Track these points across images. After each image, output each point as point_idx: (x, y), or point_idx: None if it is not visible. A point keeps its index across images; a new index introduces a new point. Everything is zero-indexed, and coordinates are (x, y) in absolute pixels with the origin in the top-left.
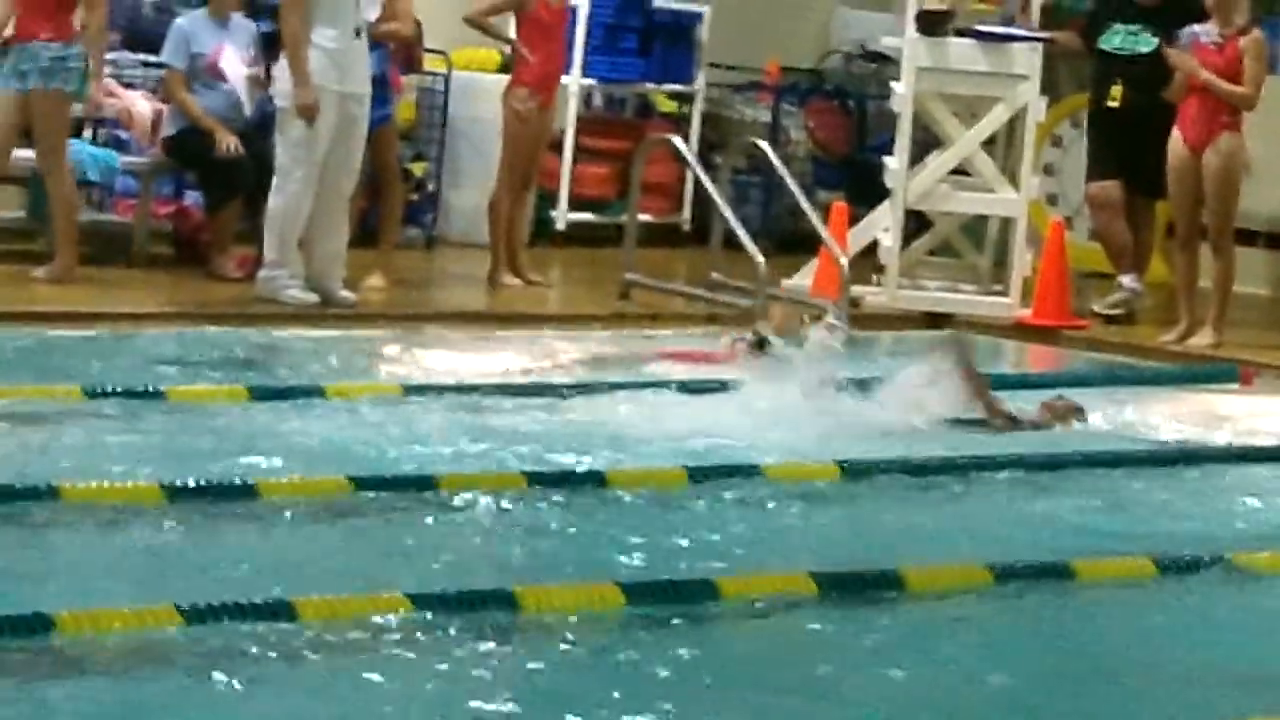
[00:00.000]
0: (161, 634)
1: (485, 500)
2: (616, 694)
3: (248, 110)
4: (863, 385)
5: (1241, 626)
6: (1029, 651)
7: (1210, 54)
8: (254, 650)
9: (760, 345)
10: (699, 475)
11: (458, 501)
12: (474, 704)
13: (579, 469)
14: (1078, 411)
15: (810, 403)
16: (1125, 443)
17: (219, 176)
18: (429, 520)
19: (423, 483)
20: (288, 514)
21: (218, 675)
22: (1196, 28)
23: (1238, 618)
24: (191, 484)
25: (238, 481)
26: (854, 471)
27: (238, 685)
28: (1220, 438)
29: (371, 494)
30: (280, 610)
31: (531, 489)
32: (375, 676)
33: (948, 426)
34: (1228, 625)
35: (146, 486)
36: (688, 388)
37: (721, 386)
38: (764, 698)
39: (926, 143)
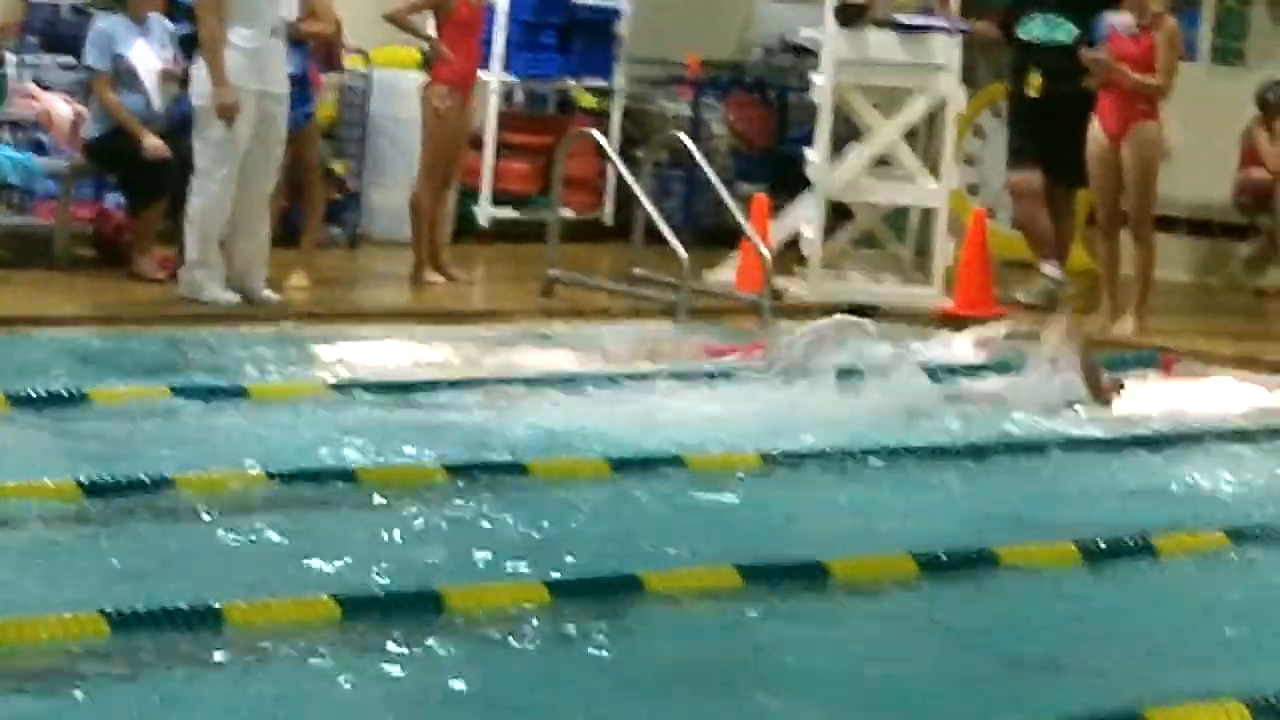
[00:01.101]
0: (83, 640)
1: (409, 496)
2: (543, 693)
3: (156, 105)
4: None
5: (1165, 609)
6: (955, 638)
7: (1126, 43)
8: (176, 654)
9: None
10: (621, 465)
11: (381, 498)
12: (398, 705)
13: (500, 461)
14: (1121, 388)
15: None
16: (1049, 429)
17: (142, 178)
18: (353, 519)
19: (345, 479)
20: (210, 513)
21: (141, 680)
22: (1112, 17)
23: (1161, 601)
24: (112, 482)
25: (158, 479)
26: (777, 461)
27: (162, 689)
28: (1140, 424)
29: (294, 491)
30: (205, 615)
31: (453, 483)
32: (300, 679)
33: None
34: (1151, 608)
35: (65, 485)
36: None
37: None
38: (691, 693)
39: (847, 134)
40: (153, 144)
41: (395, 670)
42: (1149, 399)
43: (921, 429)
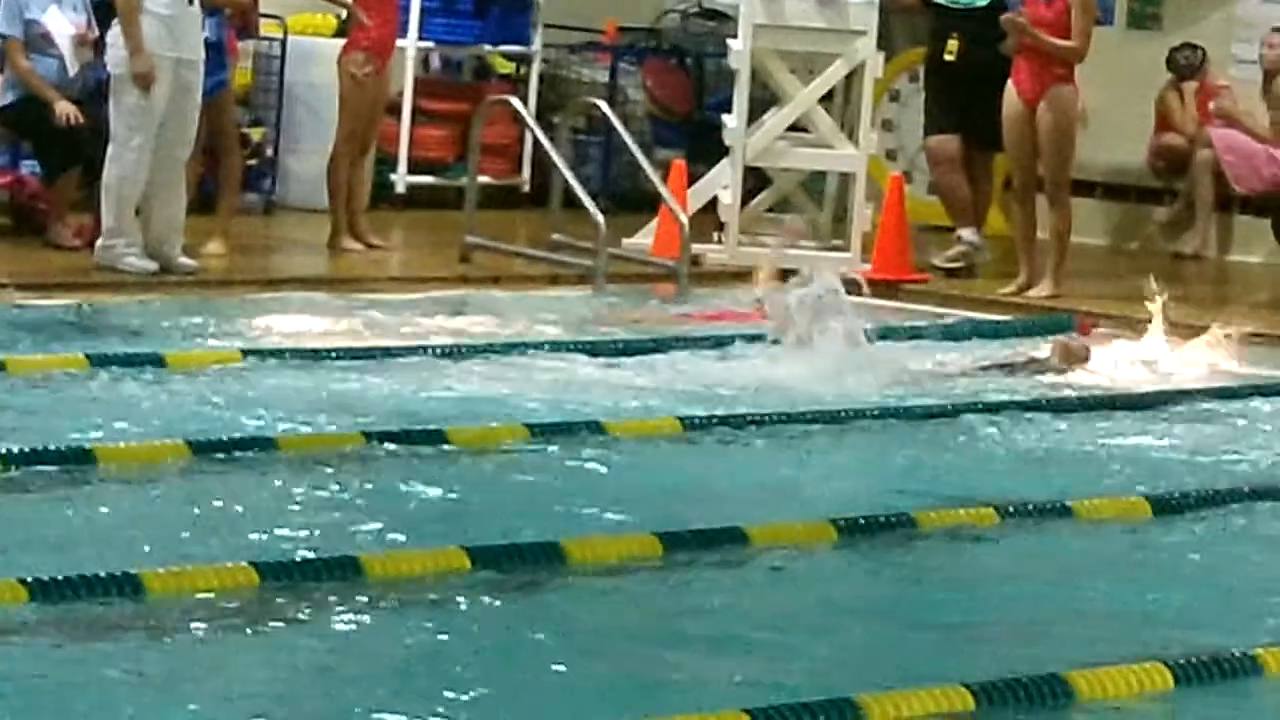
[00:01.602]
0: (1, 608)
1: (327, 464)
2: (460, 659)
3: (70, 70)
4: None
5: (1084, 572)
6: (874, 603)
7: (1040, 7)
8: (95, 623)
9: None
10: (540, 432)
11: (300, 466)
12: (317, 671)
13: (419, 428)
14: (1089, 355)
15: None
16: (966, 392)
17: (57, 146)
18: (271, 485)
19: (263, 446)
20: (127, 481)
21: (62, 648)
22: None
23: (1079, 564)
24: (29, 451)
25: (75, 448)
26: (696, 426)
27: (81, 658)
28: (1060, 387)
29: (212, 459)
30: (124, 582)
31: (371, 448)
32: (218, 648)
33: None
34: (1070, 571)
35: None
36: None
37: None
38: (612, 657)
39: (765, 100)
40: (64, 109)
41: (313, 637)
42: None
43: (848, 394)
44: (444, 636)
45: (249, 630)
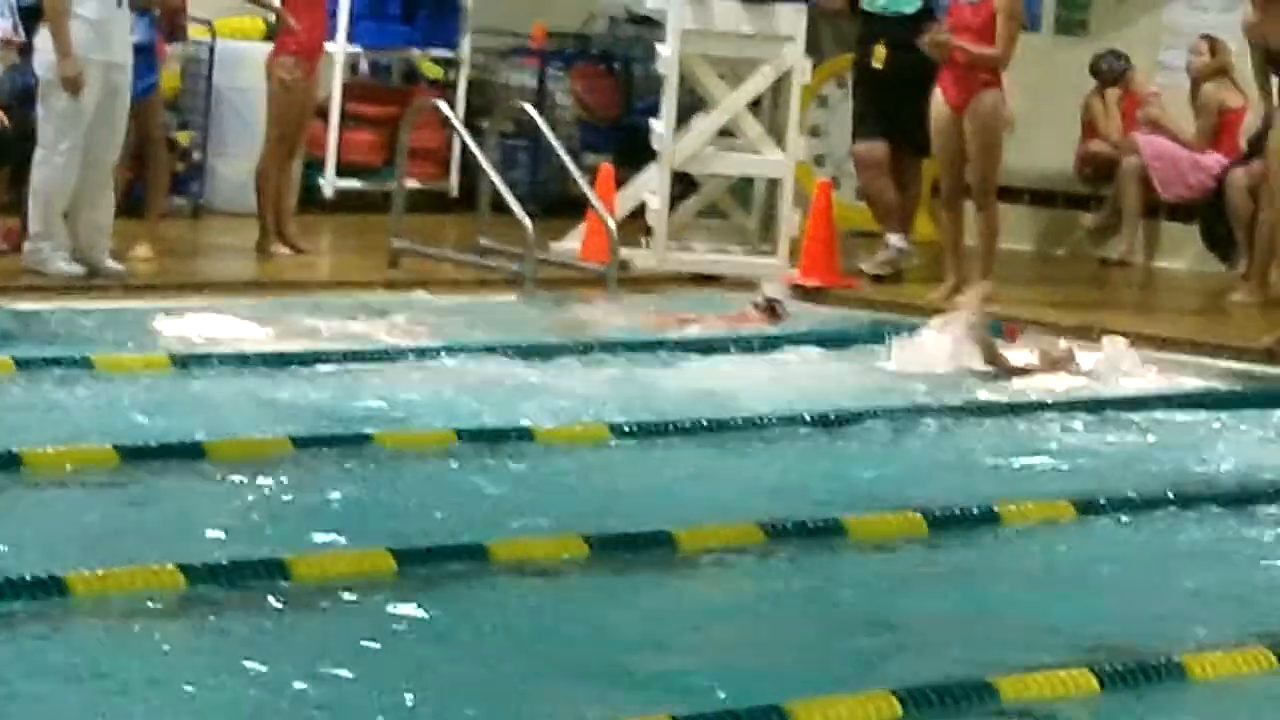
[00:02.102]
0: None
1: (254, 468)
2: (384, 661)
3: None
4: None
5: (1010, 577)
6: (800, 608)
7: (965, 13)
8: (23, 626)
9: (772, 309)
10: (468, 436)
11: (227, 470)
12: (244, 673)
13: (347, 433)
14: (1073, 358)
15: None
16: (894, 399)
17: None
18: (199, 489)
19: (191, 451)
20: (55, 484)
21: None
22: None
23: (1005, 569)
24: None
25: (3, 451)
26: (627, 433)
27: (7, 658)
28: (986, 393)
29: (140, 463)
30: (51, 585)
31: (299, 455)
32: (147, 649)
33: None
34: (996, 577)
35: None
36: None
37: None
38: (538, 661)
39: (693, 105)
40: None
41: (241, 639)
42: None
43: (780, 398)
44: (370, 638)
45: (176, 632)
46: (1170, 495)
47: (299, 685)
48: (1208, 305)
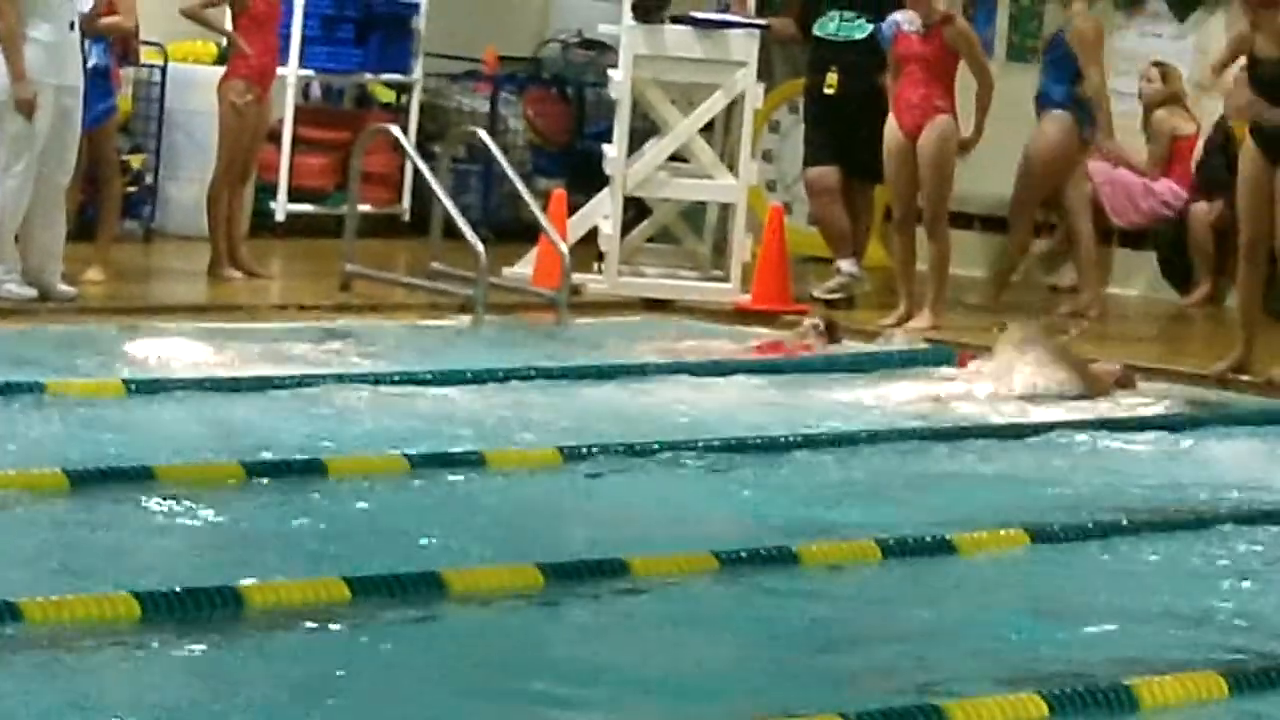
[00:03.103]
0: None
1: (206, 494)
2: (341, 690)
3: None
4: None
5: (963, 603)
6: (753, 634)
7: (913, 43)
8: None
9: (830, 331)
10: (420, 463)
11: (179, 496)
12: (197, 701)
13: (299, 458)
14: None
15: None
16: (845, 424)
17: None
18: (150, 515)
19: (142, 476)
20: (5, 510)
21: None
22: (899, 15)
23: (958, 595)
24: None
25: None
26: (575, 456)
27: None
28: (937, 420)
29: (91, 488)
30: (3, 611)
31: (251, 481)
32: (100, 676)
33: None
34: (949, 602)
35: None
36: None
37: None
38: (493, 688)
39: (645, 130)
40: None
41: (192, 667)
42: (942, 394)
43: (741, 422)
44: (323, 667)
45: (128, 659)
46: (1125, 520)
47: (252, 715)
48: (1161, 332)
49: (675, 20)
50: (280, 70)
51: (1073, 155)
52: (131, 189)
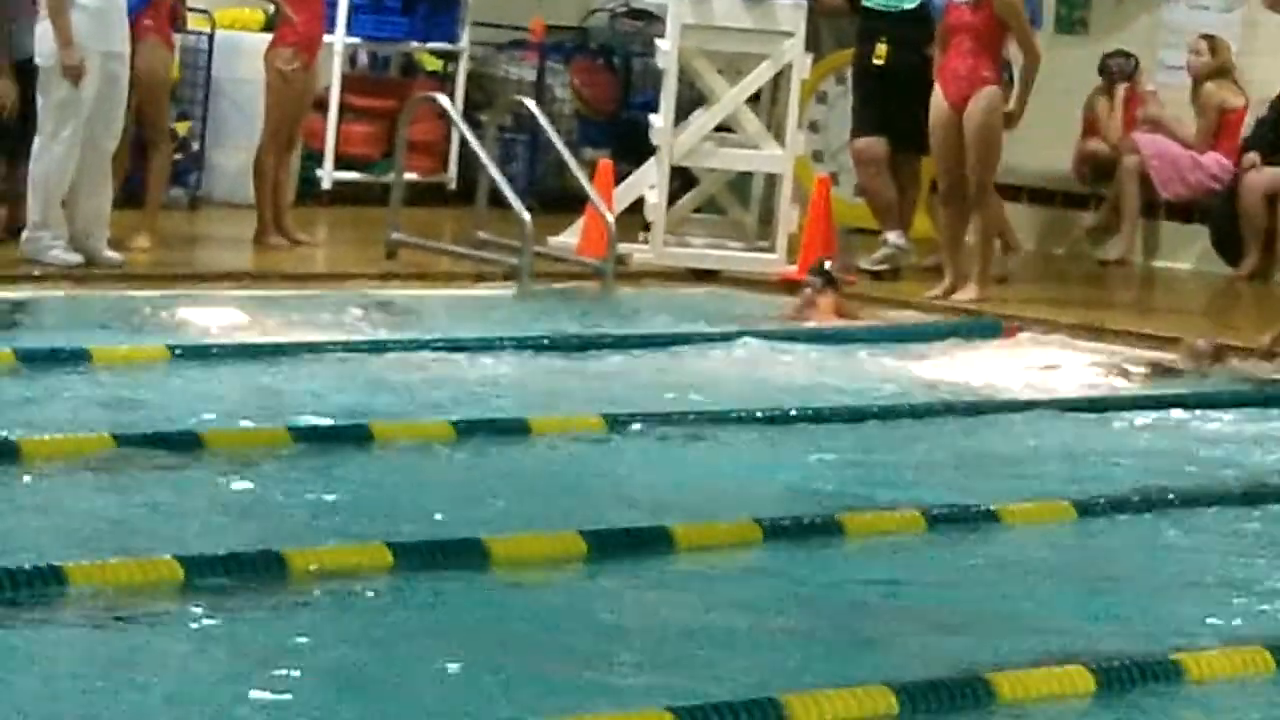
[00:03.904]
0: None
1: (253, 459)
2: (383, 656)
3: None
4: None
5: (1009, 575)
6: (798, 603)
7: (964, 12)
8: (19, 615)
9: (831, 279)
10: (464, 430)
11: (226, 461)
12: (241, 666)
13: (344, 424)
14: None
15: None
16: (893, 395)
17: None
18: (196, 480)
19: (188, 441)
20: (53, 475)
21: None
22: None
23: (1005, 566)
24: None
25: (1, 441)
26: (619, 424)
27: (6, 649)
28: (984, 391)
29: (138, 454)
30: (49, 575)
31: (296, 447)
32: (144, 640)
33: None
34: (995, 574)
35: None
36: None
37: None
38: (536, 656)
39: (692, 100)
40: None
41: (237, 632)
42: (989, 366)
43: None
44: (365, 633)
45: (172, 624)
46: (1171, 495)
47: (296, 680)
48: (1208, 305)
49: None
50: (327, 38)
51: None
52: (178, 156)
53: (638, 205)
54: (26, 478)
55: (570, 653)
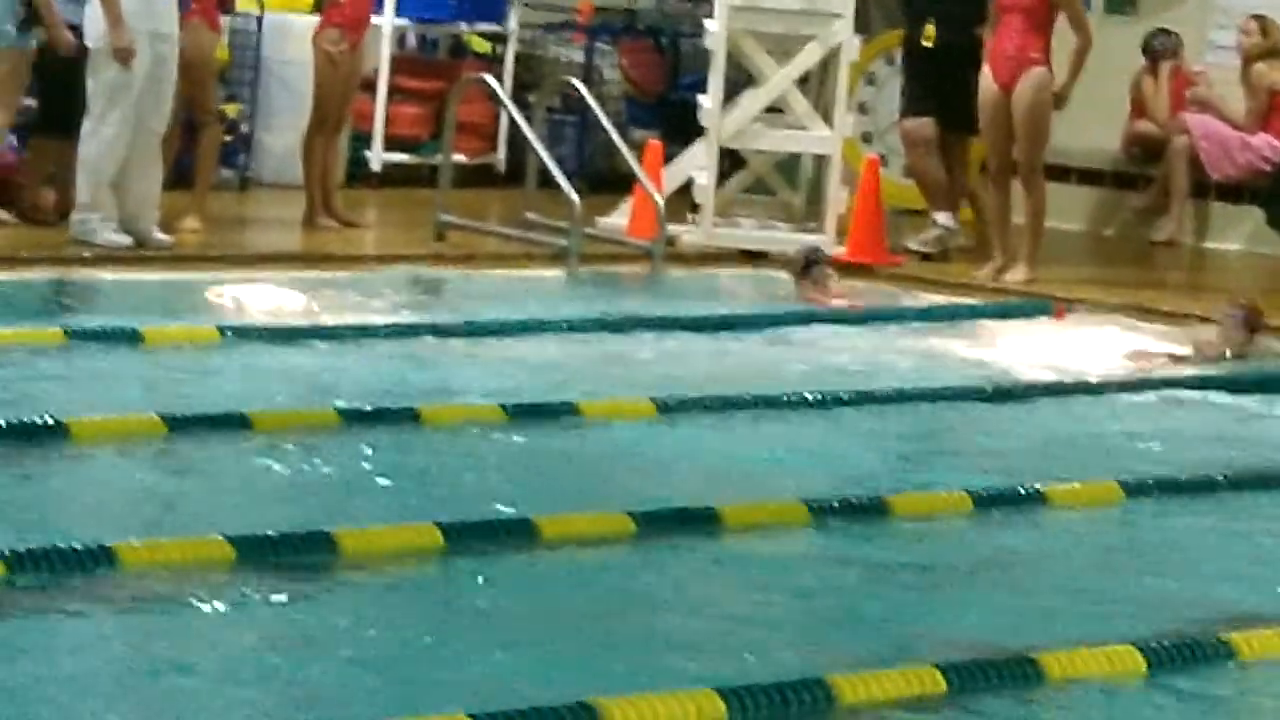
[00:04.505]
0: None
1: (302, 440)
2: (431, 636)
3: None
4: None
5: (1056, 556)
6: (846, 584)
7: None
8: (70, 594)
9: (810, 264)
10: (514, 412)
11: (274, 442)
12: (288, 646)
13: (393, 406)
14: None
15: None
16: (942, 377)
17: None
18: (245, 462)
19: (238, 422)
20: (103, 455)
21: (35, 619)
22: None
23: (1052, 548)
24: (2, 425)
25: (51, 421)
26: (668, 407)
27: (56, 628)
28: (1033, 372)
29: (187, 434)
30: (99, 554)
31: (346, 428)
32: (193, 620)
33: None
34: (1042, 556)
35: None
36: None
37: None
38: (585, 635)
39: (740, 81)
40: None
41: (286, 612)
42: (1039, 347)
43: (838, 375)
44: (414, 611)
45: (223, 604)
46: (1222, 477)
47: (346, 659)
48: (1259, 287)
49: None
50: (375, 20)
51: None
52: (228, 138)
53: (686, 187)
54: (75, 458)
55: (617, 633)
